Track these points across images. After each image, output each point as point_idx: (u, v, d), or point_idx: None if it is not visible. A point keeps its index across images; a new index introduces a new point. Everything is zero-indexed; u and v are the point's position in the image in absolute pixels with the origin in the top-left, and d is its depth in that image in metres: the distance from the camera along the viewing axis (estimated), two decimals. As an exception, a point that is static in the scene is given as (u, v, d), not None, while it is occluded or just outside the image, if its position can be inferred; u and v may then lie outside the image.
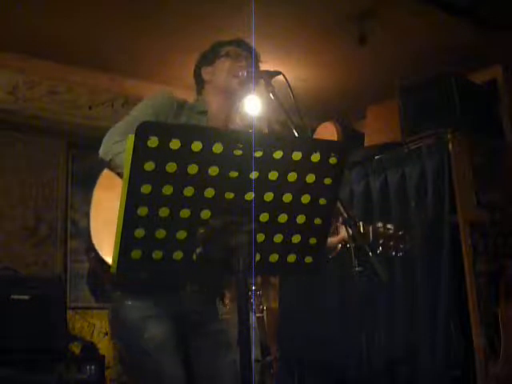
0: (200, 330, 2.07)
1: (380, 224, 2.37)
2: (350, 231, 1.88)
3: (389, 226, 2.37)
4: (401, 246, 2.37)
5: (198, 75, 2.33)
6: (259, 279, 4.33)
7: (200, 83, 2.32)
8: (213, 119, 2.23)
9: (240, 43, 2.28)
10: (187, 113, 2.19)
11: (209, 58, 2.30)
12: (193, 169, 1.36)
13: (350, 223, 1.87)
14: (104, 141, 2.02)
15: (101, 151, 2.01)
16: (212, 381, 2.05)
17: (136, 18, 4.00)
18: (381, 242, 2.33)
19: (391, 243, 2.35)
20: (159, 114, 2.08)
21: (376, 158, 4.39)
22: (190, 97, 2.33)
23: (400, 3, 3.90)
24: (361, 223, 2.33)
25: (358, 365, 3.96)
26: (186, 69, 2.52)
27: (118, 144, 1.96)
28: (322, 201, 1.50)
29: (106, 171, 2.02)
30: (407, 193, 4.09)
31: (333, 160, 1.47)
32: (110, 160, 1.97)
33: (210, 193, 1.40)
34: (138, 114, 2.08)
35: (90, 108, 4.67)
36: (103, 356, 4.19)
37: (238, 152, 1.38)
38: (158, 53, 4.42)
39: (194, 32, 3.99)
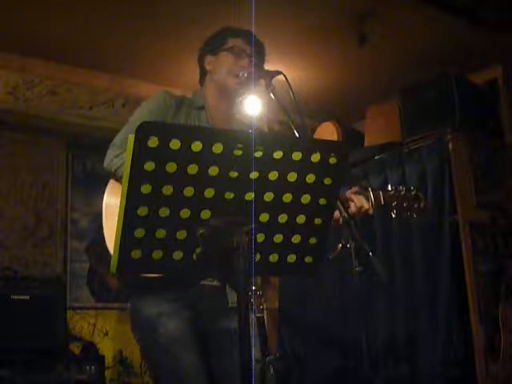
0: (215, 327, 2.06)
1: (391, 187, 2.25)
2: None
3: (400, 187, 2.25)
4: (415, 206, 2.24)
5: (201, 63, 2.32)
6: (259, 279, 4.32)
7: (203, 72, 2.32)
8: (212, 114, 2.23)
9: (248, 36, 2.25)
10: (186, 109, 2.19)
11: (213, 46, 2.28)
12: (193, 169, 1.36)
13: (350, 223, 1.86)
14: (107, 153, 2.07)
15: (104, 163, 2.06)
16: (227, 378, 2.04)
17: (136, 18, 3.99)
18: (394, 204, 2.21)
19: (405, 204, 2.23)
20: (157, 116, 2.09)
21: (376, 158, 4.38)
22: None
23: (400, 3, 3.90)
24: (370, 189, 2.21)
25: (358, 365, 3.96)
26: (185, 68, 2.52)
27: (119, 157, 2.01)
28: (322, 201, 1.50)
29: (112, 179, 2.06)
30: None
31: (333, 160, 1.47)
32: (114, 171, 2.02)
33: (209, 193, 1.40)
34: (136, 119, 2.09)
35: (90, 108, 4.67)
36: (103, 356, 4.19)
37: (238, 152, 1.38)
38: (158, 53, 4.41)
39: (194, 32, 3.97)
